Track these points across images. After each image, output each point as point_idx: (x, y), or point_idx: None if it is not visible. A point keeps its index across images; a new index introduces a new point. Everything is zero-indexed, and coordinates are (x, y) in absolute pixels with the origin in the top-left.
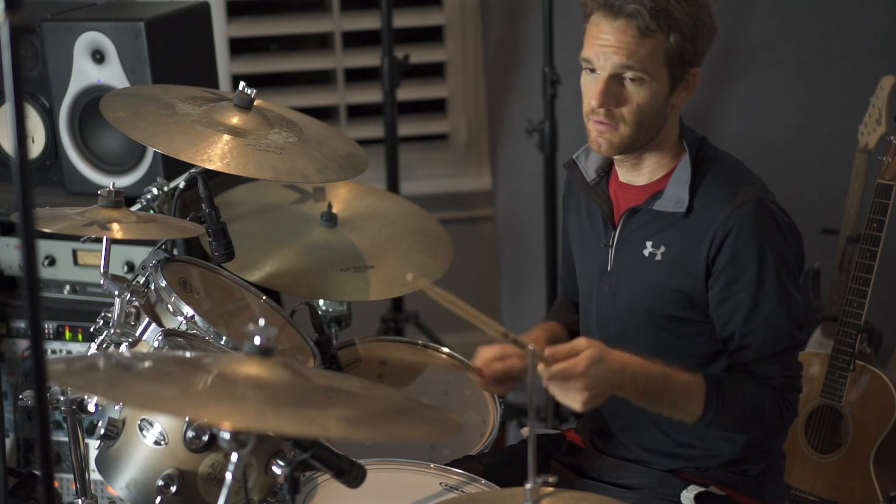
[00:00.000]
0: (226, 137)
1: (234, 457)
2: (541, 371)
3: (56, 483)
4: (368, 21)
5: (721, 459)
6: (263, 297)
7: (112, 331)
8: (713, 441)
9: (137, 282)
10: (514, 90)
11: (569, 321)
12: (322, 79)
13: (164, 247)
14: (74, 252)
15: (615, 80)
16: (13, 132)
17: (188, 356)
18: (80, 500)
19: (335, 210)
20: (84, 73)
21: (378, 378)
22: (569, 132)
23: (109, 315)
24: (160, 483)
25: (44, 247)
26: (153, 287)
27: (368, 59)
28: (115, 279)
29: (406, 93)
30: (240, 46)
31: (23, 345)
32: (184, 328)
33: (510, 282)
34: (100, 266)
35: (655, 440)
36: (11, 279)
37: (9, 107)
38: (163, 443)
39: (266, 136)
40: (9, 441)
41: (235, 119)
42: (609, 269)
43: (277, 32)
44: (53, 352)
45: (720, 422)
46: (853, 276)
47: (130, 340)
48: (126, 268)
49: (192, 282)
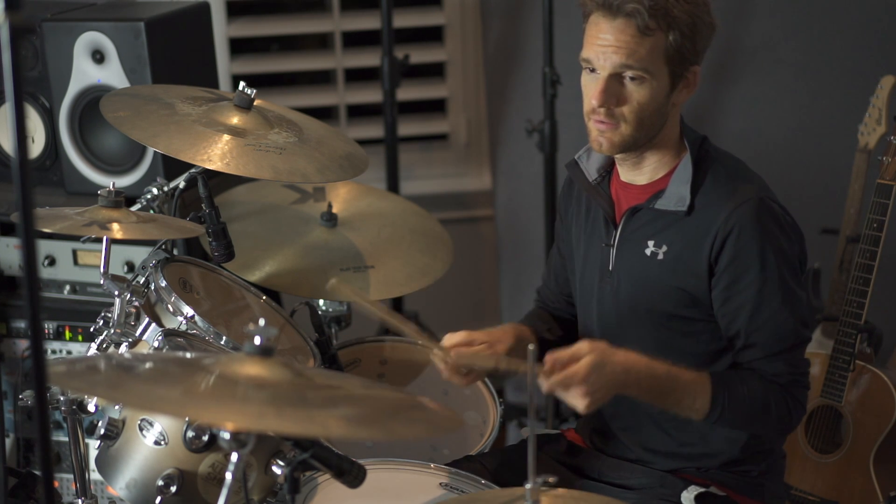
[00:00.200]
0: (226, 137)
1: (234, 457)
2: (541, 380)
3: (56, 483)
4: (368, 21)
5: (721, 460)
6: (263, 297)
7: (112, 331)
8: (714, 441)
9: (137, 282)
10: (514, 90)
11: (539, 329)
12: (322, 79)
13: (164, 247)
14: (74, 252)
15: (615, 80)
16: (13, 132)
17: (189, 357)
18: (80, 500)
19: (335, 210)
20: (84, 73)
21: (378, 378)
22: (569, 132)
23: (109, 315)
24: (160, 483)
25: (44, 247)
26: (153, 287)
27: (368, 59)
28: (115, 279)
29: (406, 93)
30: (240, 46)
31: (23, 345)
32: (184, 328)
33: (510, 282)
34: (100, 266)
35: (656, 440)
36: (11, 279)
37: (9, 107)
38: (163, 443)
39: (266, 136)
40: (9, 441)
41: (235, 119)
42: (610, 269)
43: (277, 32)
44: (53, 352)
45: (727, 419)
46: (853, 276)
47: (130, 340)
48: (126, 268)
49: (192, 282)
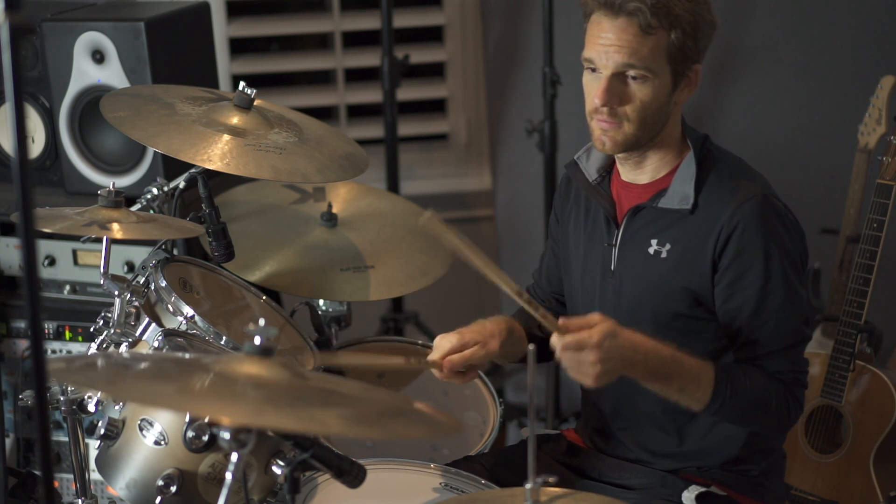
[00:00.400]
0: (226, 137)
1: (234, 457)
2: (554, 341)
3: (56, 483)
4: (368, 21)
5: (721, 459)
6: (263, 297)
7: (112, 331)
8: (714, 441)
9: (137, 282)
10: (514, 90)
11: (529, 325)
12: (322, 79)
13: (164, 247)
14: (74, 252)
15: (618, 79)
16: (13, 132)
17: (188, 356)
18: (80, 500)
19: (335, 210)
20: (84, 73)
21: (378, 379)
22: (569, 132)
23: (109, 315)
24: (160, 483)
25: (44, 247)
26: (153, 287)
27: (368, 59)
28: (115, 279)
29: (406, 93)
30: (240, 46)
31: (23, 345)
32: (184, 328)
33: None
34: (100, 266)
35: (656, 440)
36: (11, 279)
37: (9, 107)
38: (163, 443)
39: (266, 136)
40: (9, 441)
41: (235, 119)
42: (613, 269)
43: (277, 32)
44: (53, 352)
45: (727, 411)
46: (853, 276)
47: (130, 340)
48: (126, 268)
49: (192, 282)
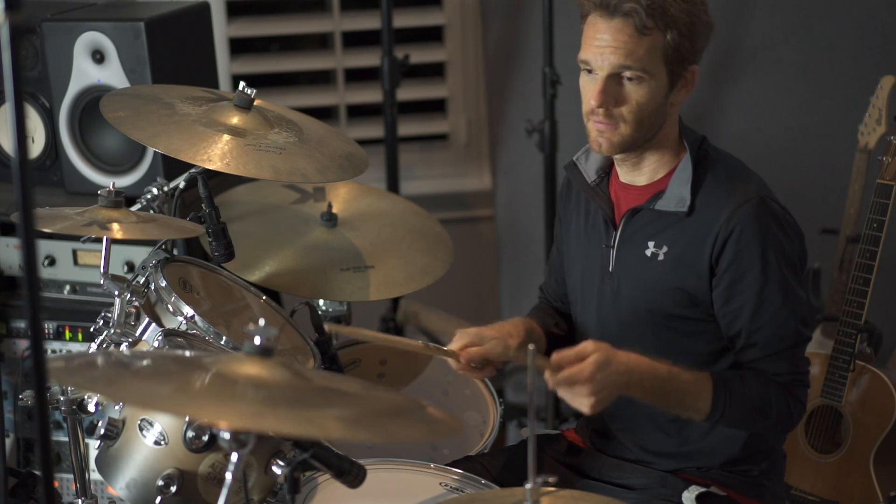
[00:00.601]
0: (226, 137)
1: (234, 457)
2: (547, 378)
3: (56, 483)
4: (368, 21)
5: (721, 459)
6: (263, 297)
7: (112, 331)
8: (714, 441)
9: (137, 282)
10: (514, 90)
11: (546, 323)
12: (322, 79)
13: (164, 247)
14: (74, 252)
15: (614, 80)
16: (13, 132)
17: (187, 355)
18: (80, 500)
19: (335, 210)
20: (84, 73)
21: (378, 378)
22: (569, 132)
23: (109, 315)
24: (160, 483)
25: (44, 247)
26: (153, 287)
27: (368, 59)
28: (115, 279)
29: (406, 93)
30: (240, 46)
31: (23, 345)
32: (184, 328)
33: (510, 282)
34: (100, 266)
35: (656, 441)
36: (11, 279)
37: (9, 107)
38: (163, 443)
39: (266, 136)
40: (9, 441)
41: (235, 119)
42: (611, 270)
43: (277, 32)
44: (53, 352)
45: (728, 419)
46: (853, 276)
47: (130, 340)
48: (126, 268)
49: (192, 282)
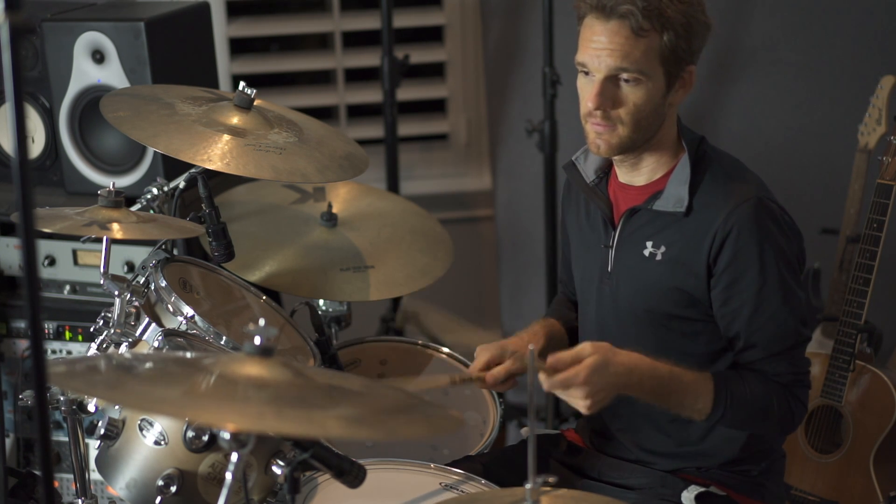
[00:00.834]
0: (226, 137)
1: (234, 457)
2: (542, 381)
3: (56, 483)
4: (368, 21)
5: (721, 459)
6: (263, 297)
7: (112, 331)
8: (713, 441)
9: (137, 282)
10: (514, 90)
11: (567, 318)
12: (322, 79)
13: (164, 247)
14: (74, 252)
15: (611, 82)
16: (13, 132)
17: (189, 357)
18: (80, 500)
19: (335, 210)
20: (84, 73)
21: (378, 378)
22: (569, 132)
23: (109, 315)
24: (160, 483)
25: (44, 247)
26: (153, 287)
27: (368, 59)
28: (115, 279)
29: (406, 93)
30: (240, 46)
31: (23, 345)
32: (184, 328)
33: (510, 282)
34: (100, 266)
35: (655, 441)
36: (11, 279)
37: (9, 107)
38: (163, 443)
39: (266, 136)
40: (9, 441)
41: (235, 119)
42: (609, 270)
43: (277, 32)
44: (53, 352)
45: (729, 419)
46: (853, 276)
47: (130, 340)
48: (126, 268)
49: (192, 282)
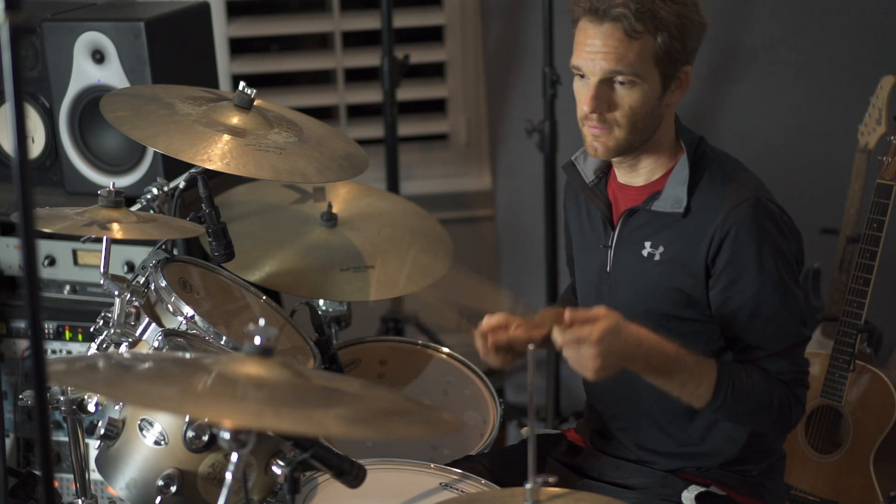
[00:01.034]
0: (226, 137)
1: (234, 457)
2: (555, 335)
3: (56, 483)
4: (368, 21)
5: (721, 459)
6: (263, 297)
7: (112, 331)
8: (714, 441)
9: (137, 282)
10: (514, 90)
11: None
12: (322, 79)
13: (164, 247)
14: (74, 252)
15: (606, 85)
16: (13, 132)
17: (188, 357)
18: (80, 500)
19: (335, 210)
20: (84, 73)
21: (378, 378)
22: (569, 132)
23: (109, 315)
24: (160, 483)
25: (44, 247)
26: (153, 287)
27: (368, 59)
28: (115, 279)
29: (406, 93)
30: (240, 46)
31: (23, 345)
32: (184, 328)
33: (510, 282)
34: (100, 266)
35: (655, 441)
36: (11, 279)
37: (9, 107)
38: (163, 443)
39: (266, 136)
40: (9, 441)
41: (235, 119)
42: (608, 270)
43: (277, 32)
44: (53, 352)
45: (728, 409)
46: (853, 276)
47: (130, 340)
48: (126, 268)
49: (192, 282)
